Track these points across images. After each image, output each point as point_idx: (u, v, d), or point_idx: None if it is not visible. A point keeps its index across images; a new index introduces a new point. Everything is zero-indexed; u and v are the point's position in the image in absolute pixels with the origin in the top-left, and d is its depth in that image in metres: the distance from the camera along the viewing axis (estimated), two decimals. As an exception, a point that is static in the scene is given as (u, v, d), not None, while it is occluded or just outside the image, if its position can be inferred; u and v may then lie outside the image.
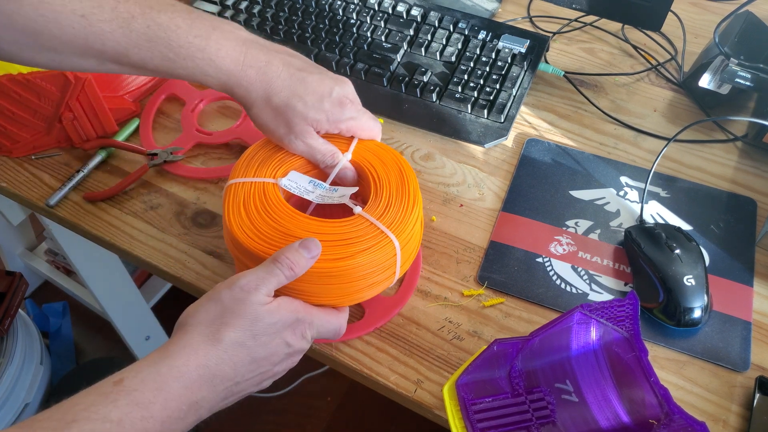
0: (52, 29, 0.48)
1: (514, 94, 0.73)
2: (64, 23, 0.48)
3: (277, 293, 0.48)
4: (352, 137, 0.58)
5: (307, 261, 0.47)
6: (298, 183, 0.55)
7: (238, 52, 0.52)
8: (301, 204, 0.57)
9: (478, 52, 0.76)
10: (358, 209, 0.53)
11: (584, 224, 0.64)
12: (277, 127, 0.54)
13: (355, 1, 0.81)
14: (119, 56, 0.50)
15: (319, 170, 0.57)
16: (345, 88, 0.55)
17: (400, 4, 0.80)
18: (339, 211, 0.54)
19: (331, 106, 0.54)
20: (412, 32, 0.78)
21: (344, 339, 0.56)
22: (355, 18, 0.80)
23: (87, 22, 0.48)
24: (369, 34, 0.79)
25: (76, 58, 0.50)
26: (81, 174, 0.68)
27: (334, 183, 0.57)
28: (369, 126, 0.57)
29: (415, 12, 0.79)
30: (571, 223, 0.64)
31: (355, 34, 0.79)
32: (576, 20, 0.87)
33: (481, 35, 0.77)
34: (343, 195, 0.55)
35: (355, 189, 0.56)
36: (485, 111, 0.72)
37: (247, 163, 0.56)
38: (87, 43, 0.49)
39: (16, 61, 0.51)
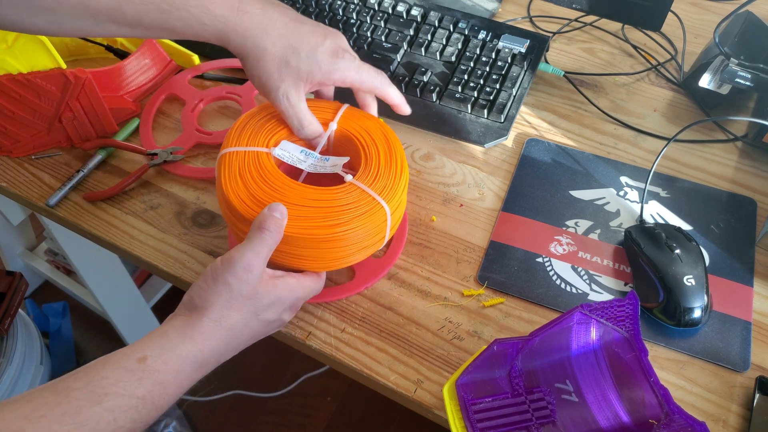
0: None
1: (514, 94, 0.73)
2: None
3: (276, 259, 0.52)
4: (339, 106, 0.59)
5: (282, 221, 0.50)
6: (291, 152, 0.57)
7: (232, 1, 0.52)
8: (290, 172, 0.58)
9: (478, 52, 0.76)
10: (349, 177, 0.54)
11: (584, 224, 0.64)
12: (268, 81, 0.55)
13: (355, 1, 0.81)
14: (114, 13, 0.50)
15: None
16: (337, 39, 0.56)
17: (400, 4, 0.80)
18: (327, 179, 0.56)
19: (323, 56, 0.54)
20: (412, 32, 0.78)
21: (337, 298, 0.58)
22: (355, 18, 0.80)
23: None
24: (369, 34, 0.79)
25: (73, 19, 0.50)
26: (81, 174, 0.68)
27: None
28: (366, 77, 0.57)
29: (415, 12, 0.79)
30: (571, 223, 0.64)
31: (355, 34, 0.79)
32: (576, 20, 0.87)
33: (481, 35, 0.77)
34: (335, 164, 0.56)
35: (347, 159, 0.57)
36: (485, 111, 0.72)
37: (239, 132, 0.57)
38: (82, 2, 0.49)
39: (17, 27, 0.50)
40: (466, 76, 0.74)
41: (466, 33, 0.78)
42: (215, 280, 0.47)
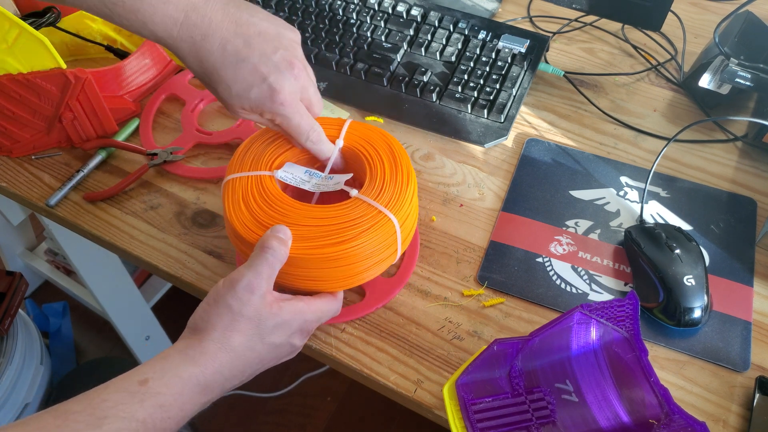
0: None
1: (514, 94, 0.73)
2: None
3: (287, 282, 0.51)
4: (343, 122, 0.58)
5: (286, 243, 0.49)
6: (294, 174, 0.56)
7: (172, 21, 0.49)
8: (298, 195, 0.58)
9: (478, 52, 0.76)
10: (354, 192, 0.54)
11: (584, 224, 0.64)
12: (220, 99, 0.53)
13: (355, 1, 0.81)
14: None
15: (313, 157, 0.58)
16: (281, 81, 0.50)
17: (400, 4, 0.80)
18: (338, 198, 0.56)
19: (258, 96, 0.51)
20: (412, 32, 0.78)
21: (349, 318, 0.57)
22: (355, 18, 0.80)
23: None
24: (369, 34, 0.79)
25: None
26: (81, 174, 0.68)
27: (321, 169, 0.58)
28: (296, 125, 0.53)
29: (415, 12, 0.79)
30: (571, 223, 0.64)
31: (355, 34, 0.79)
32: (576, 20, 0.87)
33: (481, 35, 0.77)
34: (338, 182, 0.56)
35: (350, 175, 0.57)
36: (485, 111, 0.72)
37: (241, 158, 0.56)
38: None
39: None
40: (466, 76, 0.74)
41: (466, 33, 0.78)
42: (217, 302, 0.46)
